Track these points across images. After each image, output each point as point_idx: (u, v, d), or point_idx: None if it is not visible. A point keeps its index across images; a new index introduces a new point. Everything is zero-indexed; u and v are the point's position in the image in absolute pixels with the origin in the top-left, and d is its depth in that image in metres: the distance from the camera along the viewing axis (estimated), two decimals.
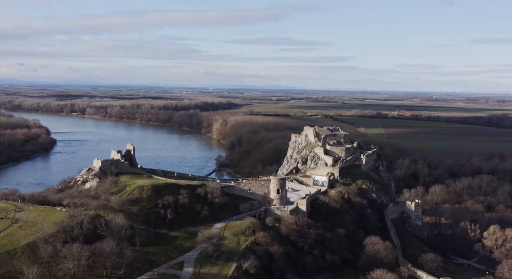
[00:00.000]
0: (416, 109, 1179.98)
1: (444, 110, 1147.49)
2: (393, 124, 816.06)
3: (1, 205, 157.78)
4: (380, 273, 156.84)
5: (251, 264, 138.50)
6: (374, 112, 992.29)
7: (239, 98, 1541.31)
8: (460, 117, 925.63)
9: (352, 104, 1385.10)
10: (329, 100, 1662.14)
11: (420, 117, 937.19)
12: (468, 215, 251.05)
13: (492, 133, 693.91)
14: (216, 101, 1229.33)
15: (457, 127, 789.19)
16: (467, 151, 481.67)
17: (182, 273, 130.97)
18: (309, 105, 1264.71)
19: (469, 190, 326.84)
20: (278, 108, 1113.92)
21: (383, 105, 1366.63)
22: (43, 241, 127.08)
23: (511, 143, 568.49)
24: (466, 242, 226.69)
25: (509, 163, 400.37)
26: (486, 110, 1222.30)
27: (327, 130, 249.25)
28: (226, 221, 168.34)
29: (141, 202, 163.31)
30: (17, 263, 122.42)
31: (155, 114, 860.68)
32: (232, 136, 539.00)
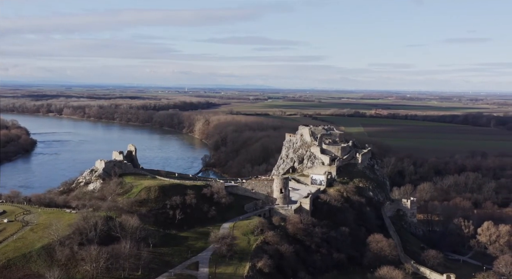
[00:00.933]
0: (392, 108, 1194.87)
1: (420, 108, 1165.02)
2: (372, 122, 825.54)
3: (8, 207, 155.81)
4: (387, 270, 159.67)
5: (265, 263, 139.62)
6: (352, 111, 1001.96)
7: (217, 98, 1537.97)
8: (436, 115, 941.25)
9: (329, 103, 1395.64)
10: (306, 99, 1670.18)
11: (397, 115, 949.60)
12: (459, 212, 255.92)
13: (470, 131, 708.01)
14: (195, 100, 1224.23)
15: (435, 125, 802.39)
16: (448, 149, 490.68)
17: (199, 273, 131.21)
18: (287, 104, 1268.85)
19: (455, 187, 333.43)
20: (256, 108, 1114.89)
21: (359, 104, 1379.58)
22: (59, 244, 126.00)
23: (490, 141, 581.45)
24: (460, 239, 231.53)
25: (491, 161, 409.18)
26: (460, 108, 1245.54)
27: (323, 129, 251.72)
28: (234, 221, 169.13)
29: (149, 203, 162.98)
30: (34, 267, 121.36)
31: (134, 114, 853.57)
32: (216, 136, 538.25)
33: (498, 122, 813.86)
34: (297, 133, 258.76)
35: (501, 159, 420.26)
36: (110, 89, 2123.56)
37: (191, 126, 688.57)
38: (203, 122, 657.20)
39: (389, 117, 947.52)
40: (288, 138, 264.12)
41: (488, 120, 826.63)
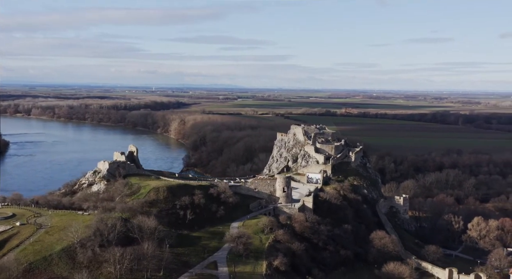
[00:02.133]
0: (361, 106, 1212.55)
1: (388, 107, 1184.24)
2: (344, 121, 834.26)
3: (16, 210, 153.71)
4: (393, 266, 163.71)
5: (281, 261, 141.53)
6: (323, 110, 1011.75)
7: (186, 97, 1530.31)
8: (405, 114, 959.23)
9: (299, 102, 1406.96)
10: (275, 98, 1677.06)
11: (368, 114, 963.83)
12: (447, 208, 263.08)
13: (440, 129, 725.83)
14: (165, 100, 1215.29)
15: (405, 123, 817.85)
16: (422, 146, 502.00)
17: (219, 272, 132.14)
18: (257, 104, 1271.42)
19: (437, 184, 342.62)
20: (228, 107, 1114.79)
21: (328, 103, 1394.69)
22: (80, 246, 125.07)
23: (462, 138, 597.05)
24: (450, 234, 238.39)
25: (467, 158, 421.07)
26: (426, 107, 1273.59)
27: (315, 128, 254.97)
28: (241, 220, 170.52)
29: (159, 204, 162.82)
30: (56, 269, 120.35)
31: (106, 114, 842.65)
32: (194, 136, 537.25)
33: (465, 120, 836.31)
34: (289, 133, 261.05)
35: (475, 156, 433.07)
36: (76, 89, 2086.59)
37: (166, 126, 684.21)
38: (178, 122, 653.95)
39: (359, 116, 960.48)
40: (280, 137, 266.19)
41: (456, 118, 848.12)
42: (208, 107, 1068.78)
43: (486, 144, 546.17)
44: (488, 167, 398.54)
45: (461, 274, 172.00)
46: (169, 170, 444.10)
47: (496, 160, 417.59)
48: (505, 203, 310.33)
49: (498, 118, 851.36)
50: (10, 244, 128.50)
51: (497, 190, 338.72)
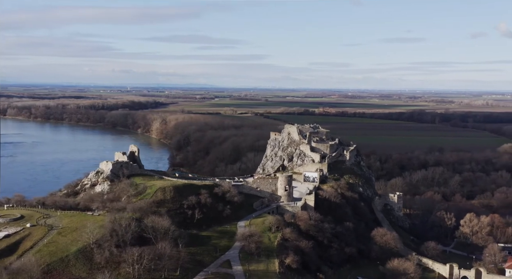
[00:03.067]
0: (338, 106, 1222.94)
1: (365, 106, 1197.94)
2: (323, 120, 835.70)
3: (23, 211, 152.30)
4: (397, 263, 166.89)
5: (293, 259, 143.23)
6: (302, 110, 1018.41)
7: (163, 97, 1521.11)
8: (383, 113, 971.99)
9: (276, 102, 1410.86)
10: (252, 98, 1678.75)
11: (346, 113, 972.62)
12: (438, 205, 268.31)
13: (418, 128, 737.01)
14: (143, 100, 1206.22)
15: (383, 122, 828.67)
16: (403, 145, 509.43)
17: (233, 271, 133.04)
18: (235, 103, 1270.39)
19: (423, 181, 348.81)
20: (206, 107, 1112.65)
21: (305, 102, 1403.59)
22: (97, 246, 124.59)
23: (441, 137, 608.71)
24: (443, 230, 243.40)
25: (449, 156, 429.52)
26: (401, 106, 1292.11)
27: (310, 127, 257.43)
28: (247, 219, 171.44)
29: (166, 204, 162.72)
30: (74, 270, 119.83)
31: (85, 114, 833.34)
32: (178, 136, 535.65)
33: (442, 119, 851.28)
34: (283, 132, 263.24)
35: (457, 154, 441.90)
36: (49, 88, 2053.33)
37: (147, 126, 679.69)
38: (160, 122, 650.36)
39: (338, 115, 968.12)
40: (273, 136, 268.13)
41: (433, 117, 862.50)
42: (186, 106, 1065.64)
43: (465, 142, 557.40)
44: (471, 165, 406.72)
45: (461, 269, 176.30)
46: None
47: (478, 158, 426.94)
48: (491, 199, 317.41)
49: (473, 117, 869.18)
50: (23, 246, 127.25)
51: (482, 187, 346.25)
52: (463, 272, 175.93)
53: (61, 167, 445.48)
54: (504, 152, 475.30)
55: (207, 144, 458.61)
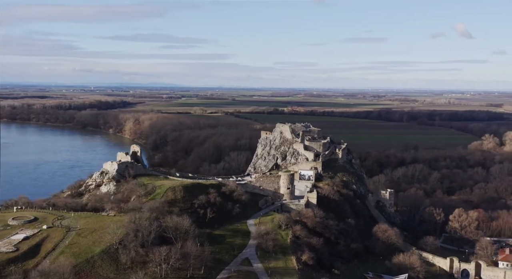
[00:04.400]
0: (305, 105, 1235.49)
1: (333, 105, 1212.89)
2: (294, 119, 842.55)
3: (36, 213, 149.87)
4: (403, 257, 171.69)
5: (309, 256, 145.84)
6: (271, 109, 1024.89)
7: (129, 96, 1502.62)
8: (351, 111, 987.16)
9: (244, 101, 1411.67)
10: (219, 97, 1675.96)
11: (315, 112, 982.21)
12: (426, 201, 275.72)
13: (388, 127, 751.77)
14: (110, 99, 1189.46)
15: (353, 121, 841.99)
16: (377, 143, 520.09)
17: (255, 269, 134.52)
18: (203, 103, 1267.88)
19: (404, 178, 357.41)
20: (174, 106, 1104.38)
21: (272, 101, 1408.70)
22: (123, 247, 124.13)
23: (413, 134, 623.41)
24: (432, 225, 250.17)
25: (425, 153, 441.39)
26: (367, 104, 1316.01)
27: (302, 126, 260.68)
28: (255, 217, 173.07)
29: (178, 203, 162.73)
30: (101, 271, 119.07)
31: (53, 114, 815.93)
32: (154, 136, 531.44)
33: (409, 117, 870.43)
34: (274, 131, 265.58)
35: (431, 151, 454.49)
36: (9, 88, 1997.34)
37: (120, 126, 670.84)
38: (133, 121, 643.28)
39: (307, 114, 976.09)
40: (264, 135, 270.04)
41: (400, 116, 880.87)
42: (154, 106, 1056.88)
43: (435, 140, 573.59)
44: (446, 162, 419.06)
45: (461, 263, 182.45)
46: None
47: (452, 155, 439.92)
48: (470, 195, 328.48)
49: (439, 115, 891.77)
50: (45, 248, 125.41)
51: (459, 183, 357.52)
52: (463, 265, 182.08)
53: (36, 169, 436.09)
54: (475, 149, 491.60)
55: (186, 143, 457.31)
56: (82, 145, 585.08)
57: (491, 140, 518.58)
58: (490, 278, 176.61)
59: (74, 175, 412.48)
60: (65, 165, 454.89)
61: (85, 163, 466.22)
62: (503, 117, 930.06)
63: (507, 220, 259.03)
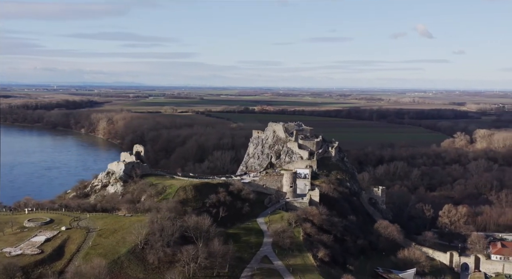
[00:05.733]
0: (274, 104, 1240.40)
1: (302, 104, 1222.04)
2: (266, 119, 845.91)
3: (50, 215, 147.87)
4: (408, 252, 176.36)
5: (325, 253, 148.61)
6: (242, 108, 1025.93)
7: (95, 96, 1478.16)
8: (321, 110, 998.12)
9: (212, 100, 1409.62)
10: (186, 96, 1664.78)
11: (286, 111, 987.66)
12: (413, 197, 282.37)
13: (359, 125, 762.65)
14: (77, 99, 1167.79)
15: (324, 120, 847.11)
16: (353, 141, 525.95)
17: (276, 266, 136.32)
18: (172, 102, 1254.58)
19: (386, 175, 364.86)
20: (142, 106, 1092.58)
21: (241, 100, 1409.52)
22: (150, 247, 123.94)
23: (385, 133, 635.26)
24: (421, 221, 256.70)
25: (403, 151, 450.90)
26: (334, 103, 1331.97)
27: (295, 125, 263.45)
28: (264, 215, 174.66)
29: (190, 203, 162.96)
30: (130, 271, 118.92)
31: (21, 114, 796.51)
32: (130, 135, 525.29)
33: (378, 116, 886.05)
34: (266, 130, 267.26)
35: (407, 149, 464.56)
36: None
37: (92, 126, 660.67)
38: (106, 121, 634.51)
39: (277, 113, 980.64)
40: (256, 135, 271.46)
41: (370, 114, 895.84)
42: (123, 106, 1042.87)
43: (407, 138, 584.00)
44: (422, 159, 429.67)
45: (461, 257, 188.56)
46: None
47: (428, 152, 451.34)
48: (450, 191, 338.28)
49: (407, 114, 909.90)
50: (69, 249, 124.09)
51: (439, 180, 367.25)
52: (463, 259, 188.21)
53: (12, 171, 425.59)
54: (448, 146, 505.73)
55: (165, 143, 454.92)
56: (55, 146, 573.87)
57: (463, 138, 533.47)
58: (489, 271, 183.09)
59: (52, 176, 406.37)
60: (41, 167, 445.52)
61: (62, 164, 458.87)
62: (468, 115, 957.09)
63: (491, 214, 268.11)
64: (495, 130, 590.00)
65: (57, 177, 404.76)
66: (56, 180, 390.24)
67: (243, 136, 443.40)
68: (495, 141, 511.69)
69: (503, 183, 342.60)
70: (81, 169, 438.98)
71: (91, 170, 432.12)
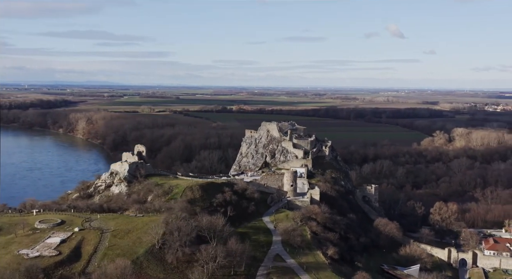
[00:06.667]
0: (251, 103, 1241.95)
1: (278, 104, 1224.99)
2: (244, 118, 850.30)
3: (60, 216, 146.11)
4: (409, 249, 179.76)
5: (334, 251, 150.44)
6: (220, 107, 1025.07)
7: (69, 95, 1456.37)
8: (300, 109, 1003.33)
9: (188, 100, 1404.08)
10: (161, 95, 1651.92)
11: (263, 110, 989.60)
12: (402, 195, 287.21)
13: (337, 124, 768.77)
14: (52, 98, 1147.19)
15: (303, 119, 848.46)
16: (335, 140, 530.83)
17: (289, 264, 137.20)
18: (148, 101, 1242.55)
19: (372, 174, 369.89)
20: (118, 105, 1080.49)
21: (217, 100, 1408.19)
22: (168, 247, 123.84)
23: (365, 132, 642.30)
24: (412, 219, 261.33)
25: (386, 149, 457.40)
26: (310, 103, 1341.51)
27: (288, 125, 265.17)
28: (269, 214, 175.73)
29: (197, 202, 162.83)
30: (150, 271, 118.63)
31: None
32: (112, 135, 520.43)
33: (356, 115, 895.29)
34: (259, 129, 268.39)
35: (389, 148, 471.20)
36: None
37: (71, 126, 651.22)
38: (85, 121, 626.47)
39: (256, 112, 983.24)
40: (249, 134, 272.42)
41: (348, 113, 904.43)
42: (98, 105, 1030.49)
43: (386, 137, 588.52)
44: (405, 157, 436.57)
45: (459, 253, 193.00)
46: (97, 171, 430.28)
47: (410, 151, 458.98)
48: (436, 189, 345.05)
49: (384, 112, 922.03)
50: (85, 250, 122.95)
51: (423, 178, 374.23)
52: (461, 255, 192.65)
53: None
54: (428, 145, 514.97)
55: (150, 143, 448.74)
56: (34, 146, 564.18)
57: (442, 136, 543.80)
58: (486, 266, 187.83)
59: (35, 177, 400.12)
60: (22, 167, 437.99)
61: (44, 165, 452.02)
62: (443, 114, 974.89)
63: (478, 211, 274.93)
64: (472, 128, 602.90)
65: (40, 178, 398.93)
66: (40, 181, 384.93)
67: (229, 136, 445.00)
68: (473, 139, 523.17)
69: (486, 181, 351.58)
70: (64, 170, 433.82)
71: (75, 171, 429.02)
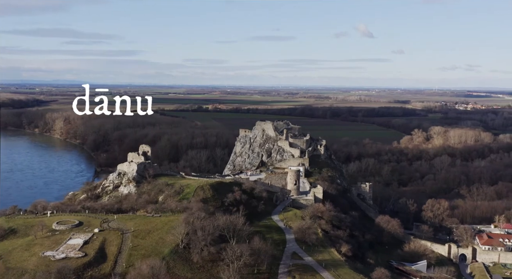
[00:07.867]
0: (226, 102, 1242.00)
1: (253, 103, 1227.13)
2: (221, 117, 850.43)
3: (76, 217, 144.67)
4: (414, 245, 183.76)
5: (348, 248, 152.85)
6: (195, 106, 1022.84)
7: (39, 94, 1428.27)
8: (276, 108, 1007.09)
9: (162, 99, 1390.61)
10: (133, 94, 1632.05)
11: (240, 109, 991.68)
12: (393, 193, 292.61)
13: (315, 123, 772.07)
14: (23, 98, 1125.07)
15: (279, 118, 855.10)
16: None
17: (307, 262, 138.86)
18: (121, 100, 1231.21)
19: (359, 172, 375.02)
20: None
21: (191, 99, 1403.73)
22: (194, 246, 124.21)
23: (343, 130, 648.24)
24: (405, 216, 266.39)
25: (368, 148, 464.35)
26: (284, 102, 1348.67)
27: (284, 124, 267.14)
28: (277, 213, 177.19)
29: (210, 202, 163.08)
30: (177, 271, 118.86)
31: None
32: (93, 135, 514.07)
33: (332, 114, 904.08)
34: (254, 129, 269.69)
35: (371, 147, 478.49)
36: None
37: (48, 125, 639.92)
38: (63, 120, 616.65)
39: (232, 111, 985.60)
40: (243, 133, 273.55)
41: (324, 112, 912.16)
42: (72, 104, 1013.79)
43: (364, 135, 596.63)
44: (387, 155, 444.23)
45: (459, 248, 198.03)
46: (81, 172, 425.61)
47: (392, 149, 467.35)
48: (422, 186, 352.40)
49: (359, 111, 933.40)
50: (110, 251, 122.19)
51: (408, 175, 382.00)
52: (461, 250, 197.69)
53: None
54: (408, 143, 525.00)
55: (133, 142, 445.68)
56: (11, 146, 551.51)
57: (420, 135, 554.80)
58: (485, 261, 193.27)
59: (17, 179, 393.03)
60: (2, 169, 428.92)
61: (25, 166, 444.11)
62: (416, 112, 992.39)
63: (466, 208, 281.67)
64: (448, 127, 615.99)
65: (23, 179, 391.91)
66: (23, 183, 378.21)
67: (214, 135, 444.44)
68: (451, 137, 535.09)
69: (469, 178, 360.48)
70: (46, 171, 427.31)
71: (57, 172, 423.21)
